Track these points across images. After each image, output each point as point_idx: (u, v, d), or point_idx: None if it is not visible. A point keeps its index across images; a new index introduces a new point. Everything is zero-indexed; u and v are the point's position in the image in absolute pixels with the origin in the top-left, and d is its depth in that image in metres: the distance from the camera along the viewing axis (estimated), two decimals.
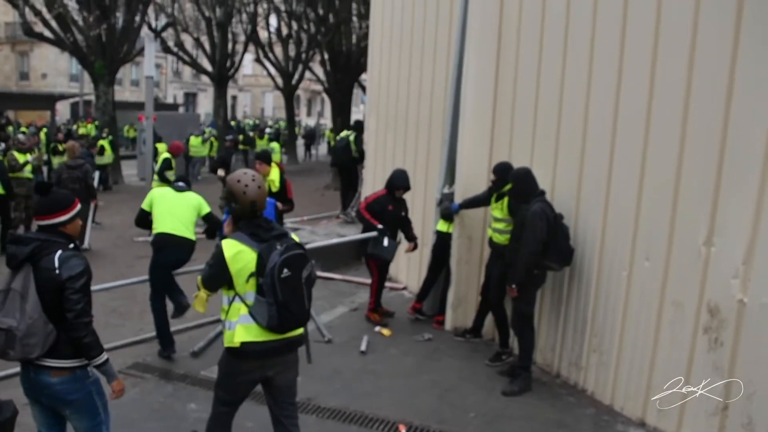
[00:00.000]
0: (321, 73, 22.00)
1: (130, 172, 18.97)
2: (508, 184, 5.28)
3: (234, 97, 48.27)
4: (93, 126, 22.89)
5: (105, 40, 17.28)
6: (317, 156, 29.80)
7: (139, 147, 18.92)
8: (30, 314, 2.86)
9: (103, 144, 16.32)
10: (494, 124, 6.13)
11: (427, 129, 7.42)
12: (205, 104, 45.66)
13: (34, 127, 22.12)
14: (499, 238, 5.50)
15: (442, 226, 6.54)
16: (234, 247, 3.08)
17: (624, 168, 4.65)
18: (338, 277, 8.40)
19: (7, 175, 9.20)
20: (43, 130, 21.01)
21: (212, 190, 10.46)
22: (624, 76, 4.62)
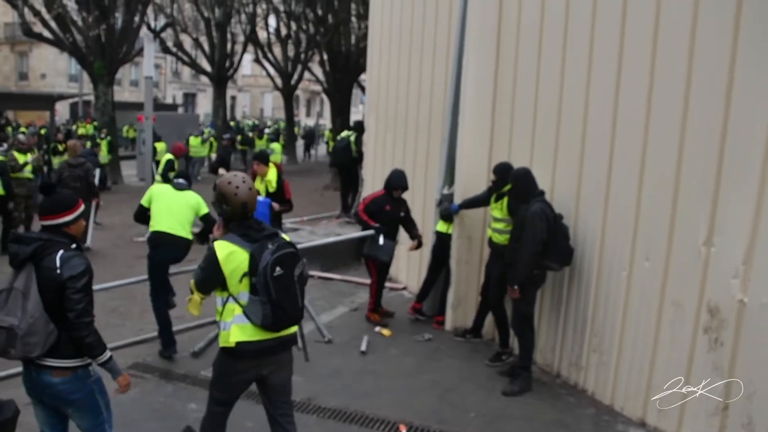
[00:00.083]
0: (320, 74, 22.00)
1: (130, 172, 18.96)
2: (508, 184, 5.29)
3: (233, 98, 48.26)
4: (92, 126, 22.90)
5: (104, 41, 17.29)
6: (316, 156, 29.81)
7: (138, 147, 18.93)
8: (31, 313, 2.88)
9: (100, 144, 16.34)
10: (494, 124, 6.13)
11: (426, 129, 7.42)
12: (204, 104, 45.63)
13: (34, 128, 22.11)
14: (499, 238, 5.51)
15: (442, 227, 6.54)
16: (226, 248, 3.13)
17: (624, 168, 4.65)
18: (338, 277, 8.40)
19: (8, 176, 9.20)
20: (43, 131, 21.01)
21: (212, 191, 10.42)
22: (623, 75, 4.62)
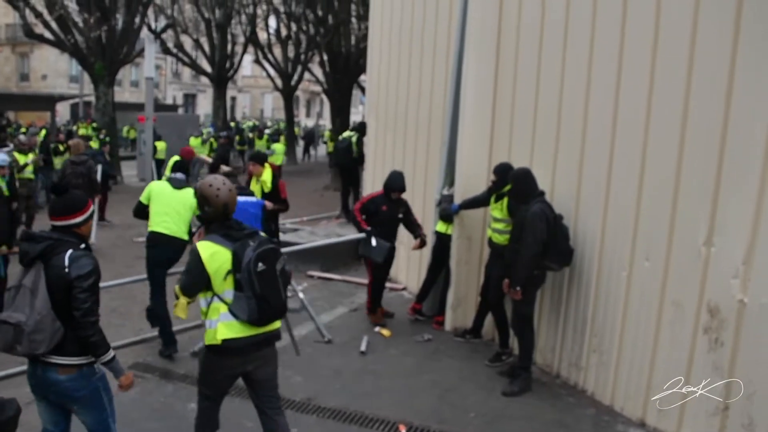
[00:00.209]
0: (320, 74, 22.01)
1: (130, 172, 18.95)
2: (508, 184, 5.29)
3: (233, 98, 48.29)
4: (91, 127, 22.87)
5: (105, 42, 17.32)
6: (316, 157, 29.83)
7: (139, 147, 18.92)
8: (39, 310, 2.93)
9: (107, 143, 16.38)
10: (494, 124, 6.13)
11: (426, 130, 7.42)
12: (204, 105, 45.66)
13: (35, 128, 22.09)
14: (499, 239, 5.51)
15: (441, 227, 6.55)
16: (209, 248, 3.21)
17: (624, 168, 4.65)
18: (338, 277, 8.40)
19: (13, 176, 9.22)
20: (43, 131, 21.00)
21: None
22: (623, 76, 4.62)
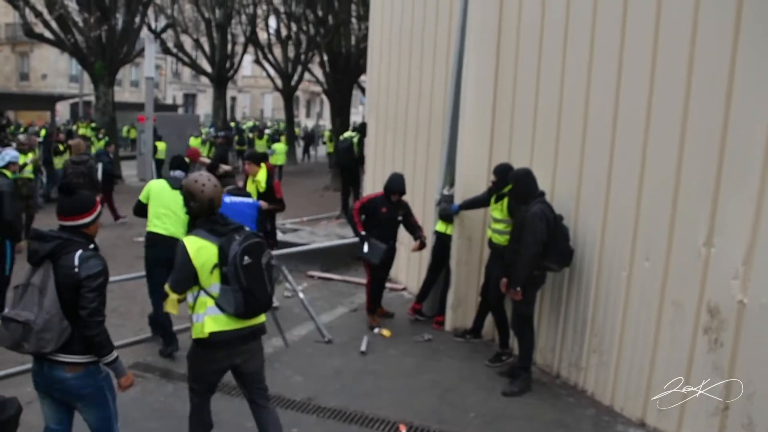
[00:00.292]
0: (320, 75, 22.00)
1: (130, 172, 18.95)
2: (509, 185, 5.29)
3: (233, 98, 48.31)
4: (90, 127, 22.87)
5: (105, 41, 17.32)
6: (316, 157, 29.84)
7: (139, 147, 18.92)
8: (47, 309, 2.94)
9: (112, 144, 16.40)
10: (494, 124, 6.13)
11: (426, 130, 7.42)
12: (204, 105, 45.67)
13: (34, 128, 22.11)
14: (499, 239, 5.51)
15: (441, 227, 6.54)
16: (195, 243, 3.28)
17: (624, 168, 4.65)
18: (338, 277, 8.41)
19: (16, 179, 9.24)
20: (42, 131, 21.01)
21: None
22: (624, 76, 4.63)
